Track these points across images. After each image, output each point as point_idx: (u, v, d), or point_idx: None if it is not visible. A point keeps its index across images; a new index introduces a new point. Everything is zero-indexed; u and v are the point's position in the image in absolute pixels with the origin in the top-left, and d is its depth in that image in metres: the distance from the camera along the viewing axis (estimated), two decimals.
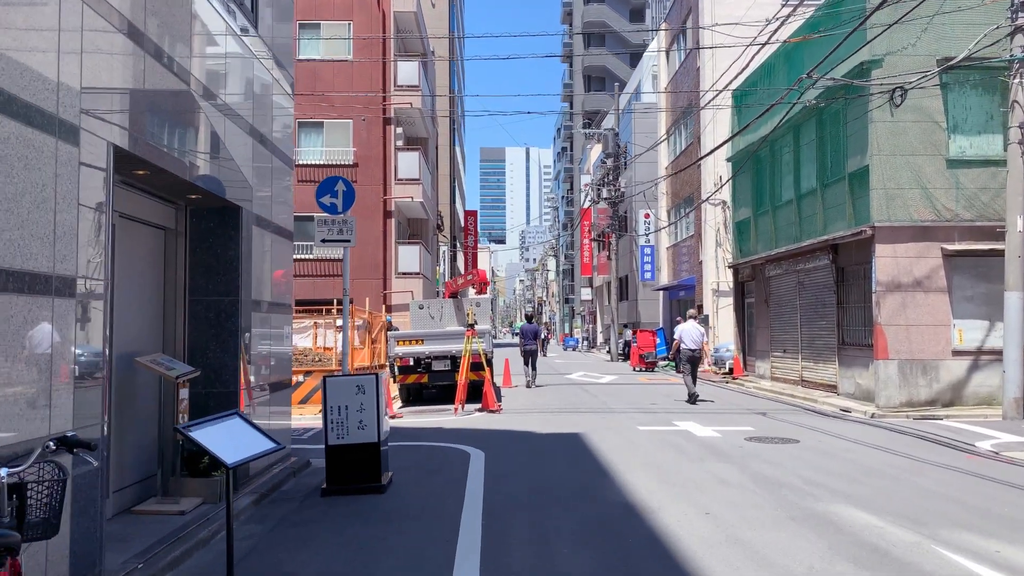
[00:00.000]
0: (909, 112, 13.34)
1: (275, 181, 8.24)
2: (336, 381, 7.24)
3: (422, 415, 13.41)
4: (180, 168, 5.84)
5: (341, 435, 7.17)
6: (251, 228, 7.41)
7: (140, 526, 5.80)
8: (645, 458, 8.59)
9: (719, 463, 8.22)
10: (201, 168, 6.29)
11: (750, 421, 11.90)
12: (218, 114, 6.59)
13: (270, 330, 8.02)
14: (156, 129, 5.41)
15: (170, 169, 5.64)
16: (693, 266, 27.68)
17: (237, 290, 7.07)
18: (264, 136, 7.81)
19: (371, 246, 25.83)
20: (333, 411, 7.17)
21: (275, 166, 8.21)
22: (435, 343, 14.92)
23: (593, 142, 51.96)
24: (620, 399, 15.61)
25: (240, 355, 7.03)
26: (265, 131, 7.84)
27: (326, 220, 7.88)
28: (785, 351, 18.03)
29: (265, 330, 7.87)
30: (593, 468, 8.06)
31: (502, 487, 7.21)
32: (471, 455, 8.96)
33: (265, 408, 7.86)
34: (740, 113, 20.10)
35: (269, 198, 8.00)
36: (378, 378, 7.23)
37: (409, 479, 7.70)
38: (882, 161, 13.34)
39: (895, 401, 13.04)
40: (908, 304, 13.29)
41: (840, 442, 9.74)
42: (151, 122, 5.33)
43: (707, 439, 9.97)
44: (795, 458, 8.49)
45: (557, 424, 11.63)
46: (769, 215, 18.69)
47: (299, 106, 25.79)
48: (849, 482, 7.22)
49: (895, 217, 13.32)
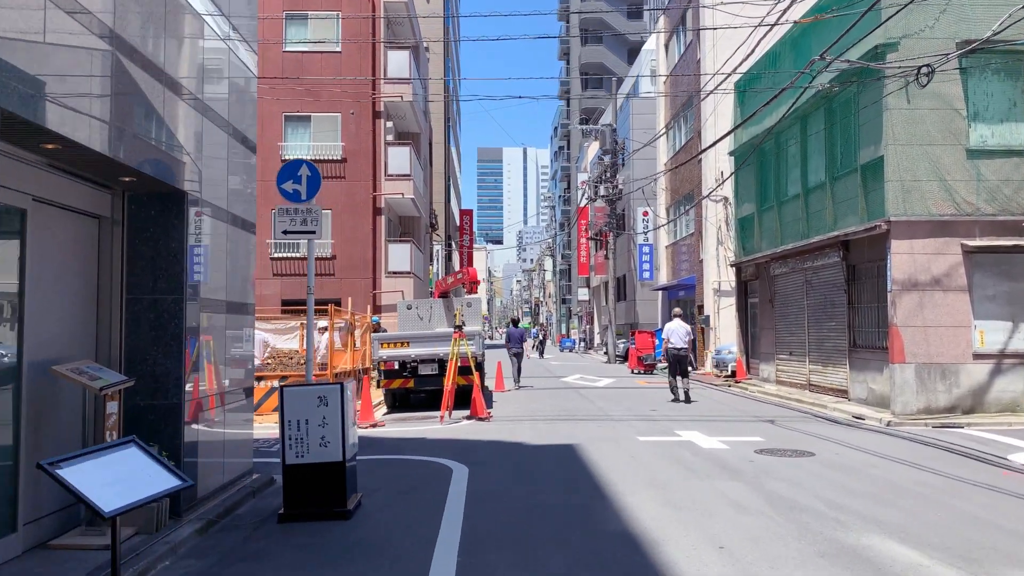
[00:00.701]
0: (926, 99, 12.50)
1: (232, 166, 7.35)
2: (295, 392, 6.35)
3: (406, 423, 12.53)
4: (101, 143, 4.96)
5: (301, 453, 6.29)
6: (200, 217, 6.52)
7: (55, 564, 4.92)
8: (647, 475, 7.72)
9: (729, 481, 7.35)
10: (133, 145, 5.41)
11: (758, 430, 11.04)
12: (153, 82, 5.70)
13: (226, 332, 7.13)
14: (61, 91, 4.52)
15: (86, 143, 4.75)
16: (693, 265, 26.82)
17: (182, 287, 6.19)
18: (217, 114, 6.92)
19: (360, 244, 24.96)
20: (292, 426, 6.29)
21: (232, 149, 7.33)
22: (422, 345, 14.03)
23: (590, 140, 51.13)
24: (618, 405, 14.73)
25: (184, 361, 6.14)
26: (218, 109, 6.96)
27: (288, 209, 7.00)
28: (791, 353, 17.17)
29: (219, 332, 6.98)
30: (589, 488, 7.19)
31: (485, 512, 6.34)
32: (453, 471, 8.08)
33: (219, 419, 6.98)
34: (743, 104, 19.25)
35: (224, 184, 7.12)
36: (343, 388, 6.35)
37: (380, 501, 6.82)
38: (898, 151, 12.48)
39: (912, 408, 12.19)
40: (926, 304, 12.44)
41: (859, 455, 8.87)
42: (56, 84, 4.45)
43: (714, 452, 9.10)
44: (813, 475, 7.62)
45: (550, 434, 10.76)
46: (774, 211, 17.83)
47: (286, 99, 24.92)
48: (878, 505, 6.35)
49: (912, 211, 12.46)
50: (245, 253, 7.75)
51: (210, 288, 6.77)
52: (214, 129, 6.93)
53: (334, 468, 6.30)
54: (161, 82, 5.83)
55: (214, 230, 6.90)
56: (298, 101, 25.00)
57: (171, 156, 6.02)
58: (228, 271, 7.19)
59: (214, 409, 6.87)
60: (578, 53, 64.52)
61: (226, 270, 7.16)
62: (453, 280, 17.33)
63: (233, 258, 7.33)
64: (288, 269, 24.80)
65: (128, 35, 5.35)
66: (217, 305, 6.93)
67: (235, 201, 7.42)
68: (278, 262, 24.71)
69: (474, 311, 16.90)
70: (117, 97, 5.19)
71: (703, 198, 23.73)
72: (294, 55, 24.94)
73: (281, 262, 24.73)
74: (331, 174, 24.93)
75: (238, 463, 7.50)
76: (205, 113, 6.69)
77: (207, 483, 6.66)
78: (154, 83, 5.73)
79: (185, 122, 6.30)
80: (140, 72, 5.51)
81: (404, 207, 27.33)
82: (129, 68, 5.35)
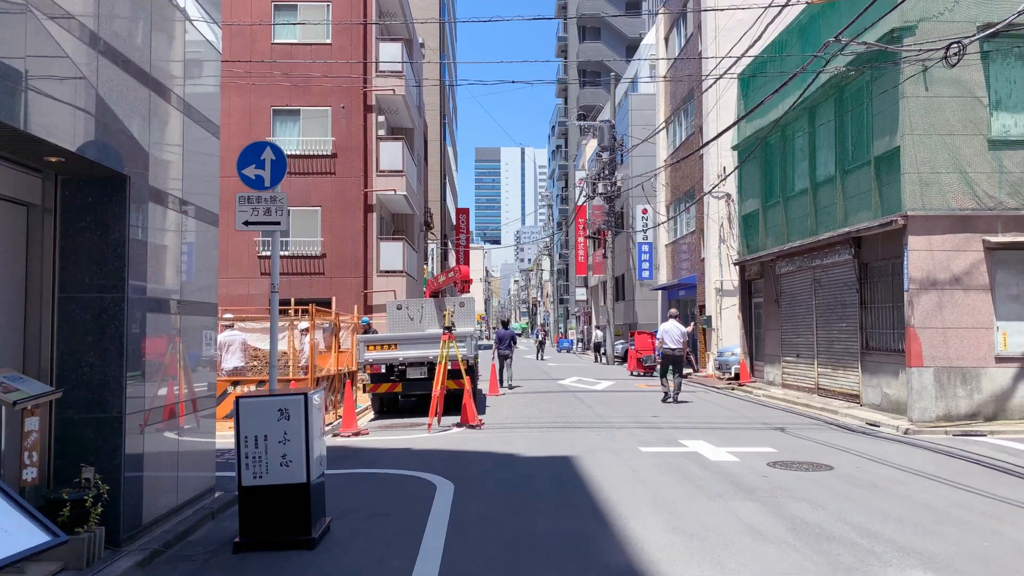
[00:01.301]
0: (945, 86, 11.77)
1: (190, 151, 6.58)
2: (252, 403, 5.58)
3: (392, 431, 11.76)
4: (9, 114, 4.19)
5: (259, 473, 5.53)
6: (146, 205, 5.75)
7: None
8: (652, 494, 6.96)
9: (744, 501, 6.59)
10: (57, 119, 4.64)
11: (768, 439, 10.28)
12: (85, 48, 4.94)
13: (180, 335, 6.36)
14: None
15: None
16: (694, 264, 26.08)
17: (124, 284, 5.42)
18: (167, 89, 6.15)
19: (350, 242, 24.17)
20: (248, 442, 5.52)
21: (188, 130, 6.56)
22: (410, 348, 13.26)
23: (588, 137, 50.37)
24: (618, 410, 13.97)
25: (123, 368, 5.37)
26: (169, 83, 6.18)
27: (250, 197, 6.23)
28: (799, 356, 16.42)
29: (172, 335, 6.21)
30: (588, 509, 6.42)
31: (469, 542, 5.57)
32: (437, 488, 7.31)
33: (173, 431, 6.21)
34: (747, 96, 18.50)
35: (178, 169, 6.34)
36: (307, 399, 5.58)
37: (351, 526, 6.05)
38: (915, 141, 11.73)
39: (930, 414, 11.45)
40: (945, 304, 11.69)
41: (883, 469, 8.12)
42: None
43: (723, 465, 8.34)
44: (836, 494, 6.87)
45: (546, 443, 10.00)
46: (780, 207, 17.08)
47: (274, 93, 24.14)
48: (917, 532, 5.60)
49: (930, 205, 11.72)
50: (206, 247, 6.98)
51: (160, 286, 6.00)
52: (167, 108, 6.16)
53: (297, 491, 5.54)
54: (95, 48, 5.06)
55: (166, 221, 6.14)
56: (287, 95, 24.22)
57: (110, 135, 5.25)
58: (183, 267, 6.42)
59: (167, 420, 6.10)
60: (576, 50, 63.76)
61: (180, 266, 6.39)
62: (445, 279, 16.57)
63: (188, 251, 6.56)
64: None
65: (69, 4, 4.59)
66: (169, 305, 6.16)
67: (193, 190, 6.65)
68: (266, 261, 23.90)
69: (467, 311, 16.14)
70: (34, 61, 4.42)
71: (705, 194, 22.98)
72: (283, 47, 24.15)
73: (269, 261, 23.90)
74: (321, 170, 24.18)
75: (197, 479, 6.73)
76: (155, 89, 5.92)
77: (156, 504, 5.89)
78: (86, 49, 4.96)
79: (129, 97, 5.53)
80: (65, 35, 4.74)
81: (397, 204, 26.55)
82: (51, 29, 4.57)
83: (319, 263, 24.09)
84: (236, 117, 23.98)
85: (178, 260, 6.35)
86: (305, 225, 24.11)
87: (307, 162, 24.21)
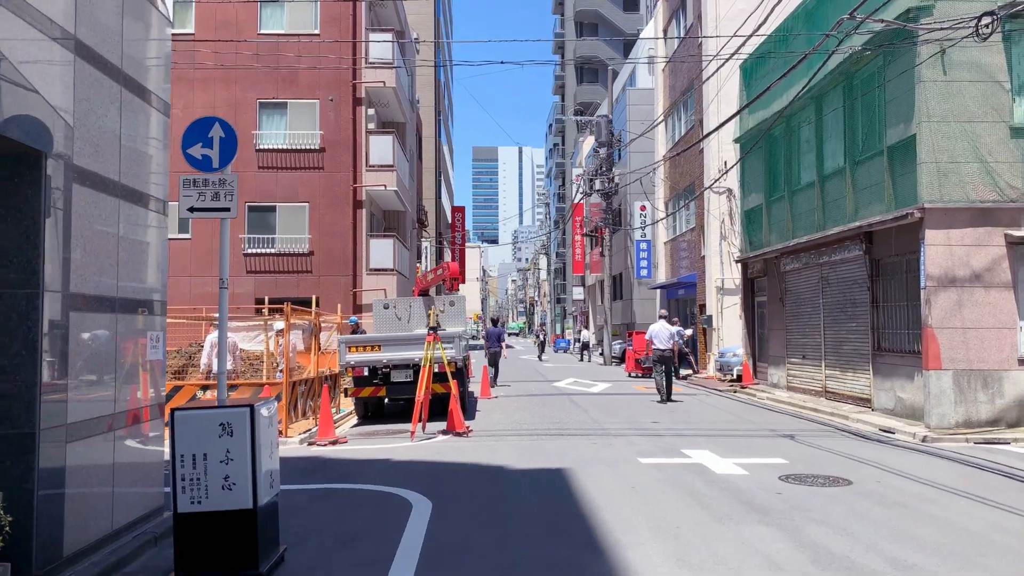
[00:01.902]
0: (964, 69, 11.03)
1: (129, 127, 5.81)
2: (189, 417, 4.80)
3: (373, 439, 10.98)
4: None
5: (197, 498, 4.76)
6: (70, 187, 4.98)
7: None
8: (653, 516, 6.19)
9: (757, 525, 5.83)
10: None
11: (777, 448, 9.52)
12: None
13: (117, 336, 5.58)
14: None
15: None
16: (694, 262, 25.32)
17: (39, 278, 4.65)
18: (99, 56, 5.37)
19: (339, 239, 23.40)
20: (185, 462, 4.75)
21: (128, 105, 5.78)
22: (395, 349, 12.48)
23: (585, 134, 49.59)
24: (615, 415, 13.21)
25: (37, 376, 4.60)
26: (101, 47, 5.40)
27: (195, 180, 5.45)
28: (805, 357, 15.67)
29: (107, 338, 5.43)
30: (581, 536, 5.65)
31: None
32: (413, 508, 6.54)
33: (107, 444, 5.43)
34: (750, 86, 17.74)
35: (115, 149, 5.56)
36: (253, 412, 4.81)
37: (309, 556, 5.28)
38: (932, 129, 10.99)
39: (949, 420, 10.70)
40: (964, 302, 10.94)
41: (907, 484, 7.36)
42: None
43: (731, 479, 7.58)
44: (861, 515, 6.11)
45: (536, 454, 9.23)
46: (785, 201, 16.33)
47: (261, 85, 23.36)
48: (961, 566, 4.84)
49: (949, 197, 10.97)
50: (152, 239, 6.20)
51: (91, 280, 5.22)
52: (99, 76, 5.37)
53: (241, 518, 4.77)
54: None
55: (98, 207, 5.36)
56: (273, 87, 23.45)
57: (19, 102, 4.48)
58: (121, 260, 5.64)
59: (102, 433, 5.32)
60: (573, 47, 63.01)
61: (118, 258, 5.61)
62: (434, 276, 15.80)
63: (129, 243, 5.78)
64: (262, 266, 23.22)
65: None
66: (102, 303, 5.38)
67: (136, 173, 5.87)
68: (252, 258, 23.13)
69: (457, 310, 15.37)
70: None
71: (705, 189, 22.21)
72: (270, 38, 23.35)
73: (255, 258, 23.15)
74: (309, 165, 23.40)
75: (140, 499, 5.95)
76: (82, 53, 5.14)
77: (85, 531, 5.12)
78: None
79: (44, 58, 4.75)
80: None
81: (387, 200, 25.77)
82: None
83: (307, 261, 23.31)
84: (221, 110, 23.18)
85: (115, 252, 5.57)
86: (292, 222, 23.35)
87: (294, 156, 23.43)
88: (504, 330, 22.17)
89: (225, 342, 5.58)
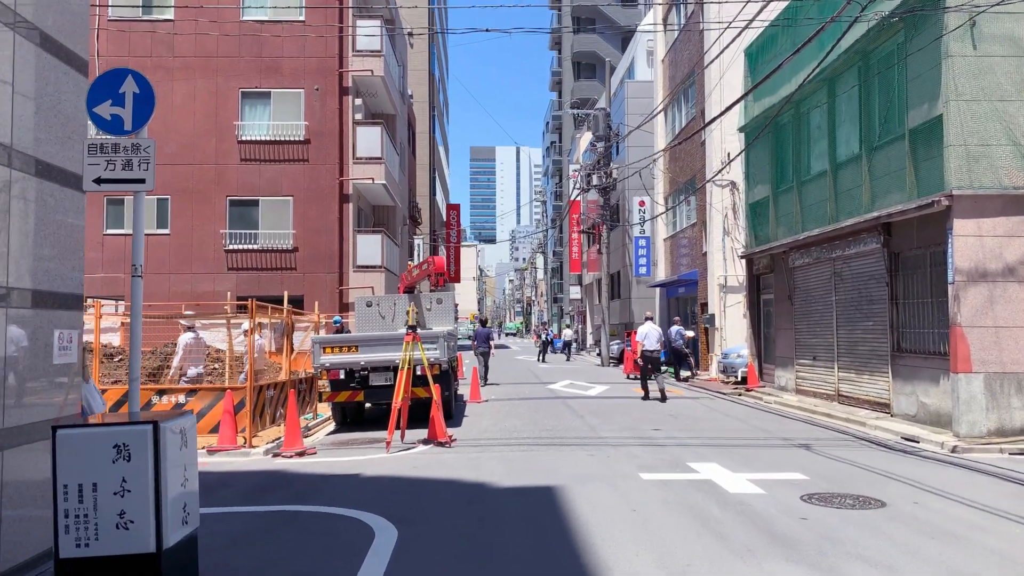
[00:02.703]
0: (996, 43, 10.07)
1: (23, 82, 4.80)
2: (74, 437, 3.81)
3: (346, 448, 9.98)
4: None
5: (84, 539, 3.77)
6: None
7: None
8: (659, 549, 5.20)
9: (784, 563, 4.84)
10: None
11: (794, 461, 8.54)
12: None
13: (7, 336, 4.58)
14: None
15: None
16: (695, 259, 24.34)
17: None
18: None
19: (324, 234, 22.39)
20: (69, 494, 3.76)
21: (23, 56, 4.78)
22: (374, 350, 11.49)
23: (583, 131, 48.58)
24: (613, 421, 12.22)
25: None
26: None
27: (103, 146, 4.47)
28: (815, 358, 14.69)
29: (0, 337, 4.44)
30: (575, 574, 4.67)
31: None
32: (376, 537, 5.55)
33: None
34: (755, 72, 16.76)
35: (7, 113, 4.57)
36: (157, 430, 3.82)
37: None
38: (961, 108, 10.01)
39: (981, 428, 9.73)
40: (997, 299, 9.97)
41: (948, 505, 6.38)
42: None
43: (747, 500, 6.59)
44: (903, 548, 5.13)
45: (526, 469, 8.23)
46: (793, 192, 15.35)
47: (243, 74, 22.35)
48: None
49: (979, 183, 10.00)
50: (58, 217, 5.20)
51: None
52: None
53: (142, 564, 3.78)
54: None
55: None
56: (257, 76, 22.44)
57: None
58: (11, 242, 4.65)
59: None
60: (570, 42, 62.00)
61: (10, 243, 4.61)
62: (419, 272, 14.81)
63: (32, 226, 4.78)
64: (245, 263, 22.21)
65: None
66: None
67: (35, 138, 4.87)
68: (233, 255, 22.12)
69: (445, 308, 14.41)
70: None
71: (707, 181, 21.21)
72: (252, 24, 22.35)
73: (237, 255, 22.13)
74: (293, 157, 22.40)
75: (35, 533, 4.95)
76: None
77: None
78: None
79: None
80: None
81: (376, 194, 24.77)
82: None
83: (291, 257, 22.31)
84: (202, 100, 22.23)
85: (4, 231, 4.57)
86: (275, 216, 22.35)
87: (278, 148, 22.43)
88: (492, 331, 21.67)
89: (138, 341, 4.59)
